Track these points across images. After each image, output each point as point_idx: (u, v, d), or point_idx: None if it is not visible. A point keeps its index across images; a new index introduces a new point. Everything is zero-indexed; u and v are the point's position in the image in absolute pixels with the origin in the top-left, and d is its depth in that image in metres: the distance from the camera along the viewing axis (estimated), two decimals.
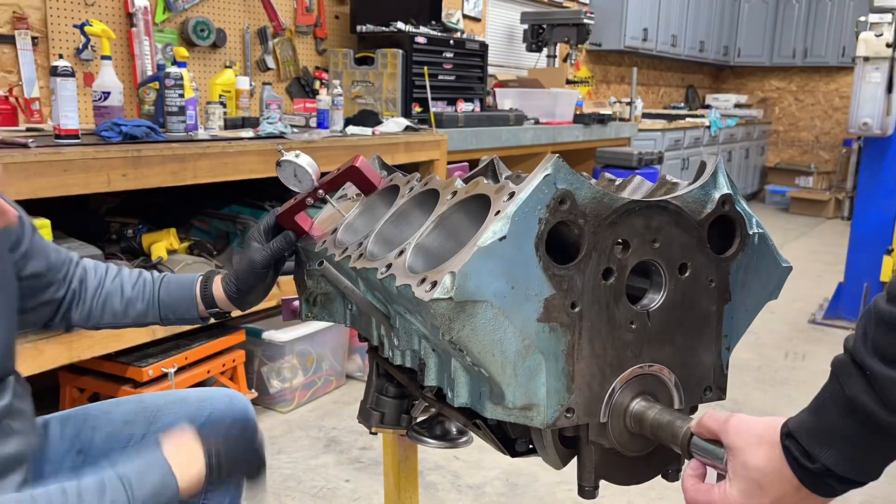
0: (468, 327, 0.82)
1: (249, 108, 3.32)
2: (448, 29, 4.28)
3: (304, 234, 1.27)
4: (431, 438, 1.25)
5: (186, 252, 2.85)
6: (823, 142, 9.38)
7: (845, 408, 0.70)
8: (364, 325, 1.17)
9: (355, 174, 1.22)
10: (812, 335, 4.12)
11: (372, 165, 1.28)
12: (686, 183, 0.97)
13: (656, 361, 0.92)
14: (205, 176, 2.48)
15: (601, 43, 6.78)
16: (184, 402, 1.38)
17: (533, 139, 4.42)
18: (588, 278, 0.86)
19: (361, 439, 2.71)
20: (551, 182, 0.84)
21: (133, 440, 1.34)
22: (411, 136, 3.41)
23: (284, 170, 1.24)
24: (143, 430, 1.34)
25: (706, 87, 9.78)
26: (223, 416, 1.38)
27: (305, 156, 1.24)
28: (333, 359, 3.14)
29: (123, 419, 1.35)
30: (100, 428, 1.34)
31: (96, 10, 2.96)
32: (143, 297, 1.31)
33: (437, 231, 0.98)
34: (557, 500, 2.38)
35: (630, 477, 0.97)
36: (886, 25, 3.84)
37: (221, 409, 1.38)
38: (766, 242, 0.98)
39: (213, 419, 1.36)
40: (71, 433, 1.33)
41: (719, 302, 0.96)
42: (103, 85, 2.63)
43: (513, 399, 0.86)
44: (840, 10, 8.53)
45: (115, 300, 1.30)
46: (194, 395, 1.41)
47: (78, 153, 2.14)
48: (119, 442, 1.33)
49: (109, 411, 1.36)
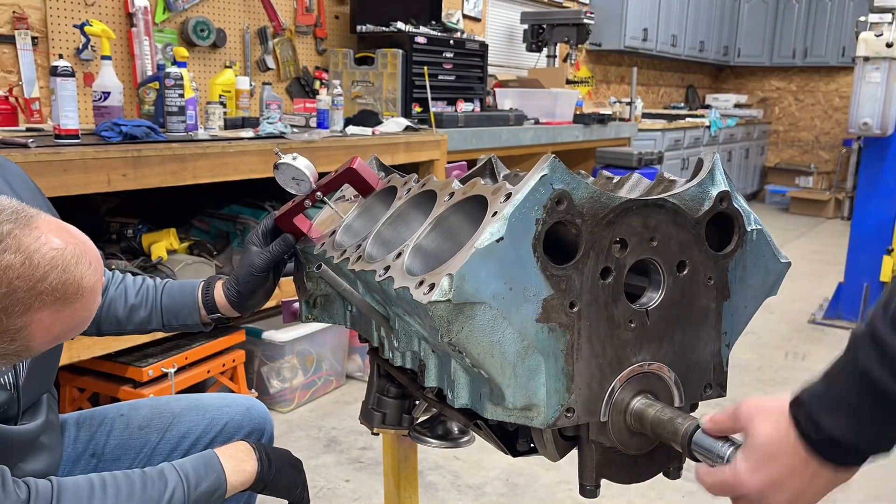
0: (467, 329, 0.82)
1: (249, 108, 3.32)
2: (448, 29, 4.28)
3: (302, 236, 1.27)
4: (433, 438, 1.25)
5: (186, 252, 2.85)
6: (823, 142, 9.38)
7: (856, 378, 0.70)
8: (364, 327, 1.17)
9: (353, 176, 1.22)
10: (812, 335, 4.12)
11: (370, 167, 1.28)
12: (683, 181, 0.97)
13: (656, 359, 0.92)
14: (205, 176, 2.48)
15: (601, 43, 6.78)
16: (200, 409, 1.37)
17: (533, 139, 4.42)
18: (586, 278, 0.87)
19: (361, 439, 2.71)
20: (548, 182, 0.84)
21: (148, 446, 1.34)
22: (411, 136, 3.41)
23: (282, 172, 1.24)
24: (158, 437, 1.34)
25: (706, 87, 9.78)
26: (240, 424, 1.38)
27: (303, 158, 1.24)
28: (333, 359, 3.14)
29: (139, 424, 1.34)
30: (115, 432, 1.33)
31: (96, 10, 2.96)
32: (147, 303, 1.30)
33: (435, 232, 0.98)
34: (557, 500, 2.38)
35: (631, 475, 0.97)
36: (886, 25, 3.84)
37: (238, 419, 1.37)
38: (764, 238, 0.98)
39: (230, 428, 1.36)
40: (86, 436, 1.32)
41: (718, 299, 0.96)
42: (103, 85, 2.63)
43: (513, 400, 0.86)
44: (840, 10, 8.53)
45: (119, 307, 1.29)
46: (211, 401, 1.40)
47: (78, 153, 2.14)
48: (133, 448, 1.33)
49: (125, 415, 1.35)
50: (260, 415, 1.41)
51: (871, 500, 2.41)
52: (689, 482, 0.84)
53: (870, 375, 0.69)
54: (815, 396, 0.74)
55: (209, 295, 1.29)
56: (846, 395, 0.71)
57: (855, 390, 0.70)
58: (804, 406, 0.74)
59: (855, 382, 0.70)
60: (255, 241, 1.27)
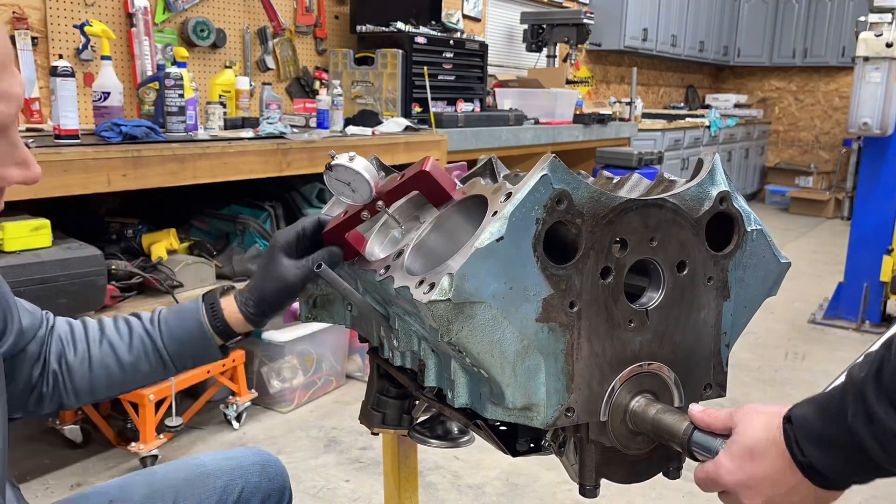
0: (467, 328, 0.82)
1: (249, 108, 3.33)
2: (448, 29, 4.28)
3: (356, 255, 1.05)
4: (433, 438, 1.25)
5: (186, 252, 2.85)
6: (823, 142, 9.38)
7: (844, 430, 0.70)
8: (364, 327, 1.17)
9: (425, 181, 1.00)
10: (812, 335, 4.12)
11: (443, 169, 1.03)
12: (683, 181, 0.97)
13: (656, 359, 0.92)
14: (205, 176, 2.49)
15: (601, 43, 6.78)
16: (207, 476, 1.14)
17: (533, 139, 4.42)
18: (586, 278, 0.86)
19: (361, 439, 2.71)
20: (548, 182, 0.83)
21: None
22: (411, 136, 3.41)
23: (335, 177, 1.02)
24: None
25: (706, 87, 9.78)
26: (257, 487, 1.17)
27: (361, 159, 1.01)
28: (333, 359, 3.14)
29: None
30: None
31: (96, 10, 2.96)
32: (147, 355, 1.06)
33: (435, 232, 0.98)
34: (557, 500, 2.38)
35: (631, 475, 0.97)
36: (886, 25, 3.84)
37: (255, 481, 1.16)
38: (764, 238, 0.98)
39: (246, 494, 1.15)
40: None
41: (718, 299, 0.96)
42: (103, 85, 2.63)
43: (513, 399, 0.86)
44: (840, 10, 8.53)
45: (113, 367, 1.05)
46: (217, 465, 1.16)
47: (78, 153, 2.14)
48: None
49: (115, 501, 1.09)
50: (277, 472, 1.20)
51: (871, 501, 2.41)
52: (689, 482, 0.84)
53: (856, 435, 0.69)
54: (804, 426, 0.73)
55: (217, 316, 1.06)
56: (833, 438, 0.71)
57: (842, 439, 0.70)
58: (794, 429, 0.74)
59: (843, 432, 0.70)
60: (284, 248, 1.05)
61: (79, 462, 2.50)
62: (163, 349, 1.05)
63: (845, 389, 0.72)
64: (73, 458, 2.52)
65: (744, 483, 0.76)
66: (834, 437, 0.71)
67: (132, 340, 1.05)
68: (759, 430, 0.76)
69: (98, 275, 2.24)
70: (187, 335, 1.05)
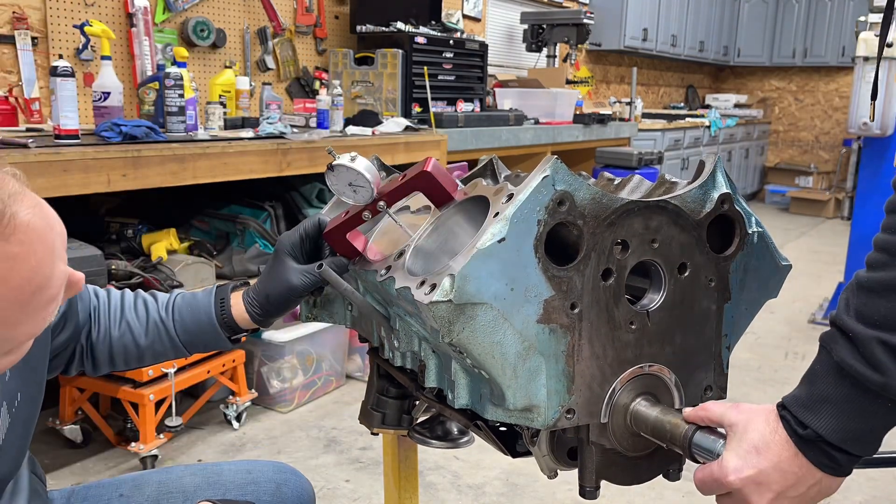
0: (468, 329, 0.82)
1: (249, 108, 3.33)
2: (448, 29, 4.27)
3: (357, 255, 1.06)
4: (433, 439, 1.25)
5: (186, 252, 2.85)
6: (823, 142, 9.38)
7: (834, 374, 0.72)
8: (365, 327, 1.17)
9: (426, 181, 0.99)
10: (812, 335, 4.12)
11: (445, 169, 1.03)
12: (685, 182, 0.97)
13: (656, 361, 0.92)
14: (205, 176, 2.48)
15: (601, 43, 6.78)
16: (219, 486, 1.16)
17: (533, 139, 4.42)
18: (587, 279, 0.86)
19: (361, 439, 2.71)
20: (550, 183, 0.83)
21: None
22: (411, 136, 3.41)
23: (337, 177, 1.02)
24: None
25: (706, 87, 9.78)
26: None
27: (362, 159, 1.02)
28: (333, 359, 3.14)
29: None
30: None
31: (96, 10, 2.96)
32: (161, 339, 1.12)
33: (437, 233, 0.98)
34: (557, 500, 2.38)
35: (631, 477, 0.97)
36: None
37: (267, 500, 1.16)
38: (766, 241, 0.98)
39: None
40: None
41: (719, 301, 0.96)
42: (103, 85, 2.63)
43: (513, 400, 0.86)
44: (840, 10, 8.53)
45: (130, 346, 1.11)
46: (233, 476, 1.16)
47: (78, 153, 2.14)
48: None
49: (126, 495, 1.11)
50: (294, 494, 1.18)
51: (871, 501, 2.41)
52: (689, 482, 0.84)
53: (846, 368, 0.71)
54: (796, 398, 0.76)
55: (226, 313, 1.10)
56: (826, 392, 0.73)
57: (834, 386, 0.72)
58: (788, 408, 0.76)
59: (833, 378, 0.72)
60: (290, 251, 1.07)
61: (79, 462, 2.50)
62: (175, 337, 1.11)
63: (820, 349, 0.76)
64: (73, 458, 2.52)
65: (753, 479, 0.76)
66: (823, 392, 0.73)
67: (148, 325, 1.11)
68: (760, 424, 0.76)
69: (98, 275, 2.24)
70: (198, 328, 1.11)
